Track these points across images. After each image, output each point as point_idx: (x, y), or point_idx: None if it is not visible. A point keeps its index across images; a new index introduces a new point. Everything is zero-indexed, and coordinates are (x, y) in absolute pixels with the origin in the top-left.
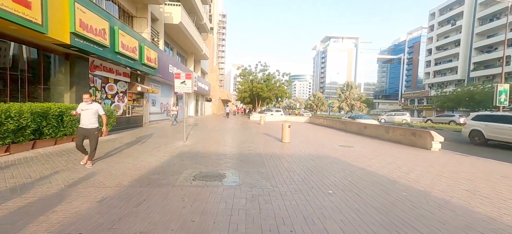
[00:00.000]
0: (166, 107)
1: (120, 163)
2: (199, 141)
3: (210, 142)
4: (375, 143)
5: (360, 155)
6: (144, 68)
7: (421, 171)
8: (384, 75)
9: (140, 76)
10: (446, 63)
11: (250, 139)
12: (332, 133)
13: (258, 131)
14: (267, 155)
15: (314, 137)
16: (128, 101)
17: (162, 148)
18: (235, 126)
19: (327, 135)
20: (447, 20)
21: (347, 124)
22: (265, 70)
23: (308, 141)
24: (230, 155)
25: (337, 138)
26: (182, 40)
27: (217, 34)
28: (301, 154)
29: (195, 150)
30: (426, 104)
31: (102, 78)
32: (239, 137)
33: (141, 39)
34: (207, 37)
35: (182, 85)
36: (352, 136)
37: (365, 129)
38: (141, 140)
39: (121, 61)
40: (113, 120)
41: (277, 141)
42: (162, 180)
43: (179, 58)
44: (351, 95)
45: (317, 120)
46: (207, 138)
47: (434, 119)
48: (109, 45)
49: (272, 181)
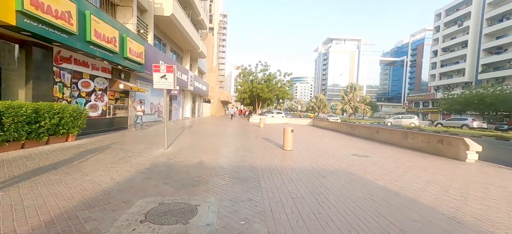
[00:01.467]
0: (157, 108)
1: (51, 186)
2: (184, 148)
3: (197, 149)
4: (394, 152)
5: (383, 170)
6: (127, 63)
7: (482, 197)
8: (387, 78)
9: (124, 72)
10: (452, 65)
11: (246, 145)
12: (340, 138)
13: (257, 135)
14: (265, 169)
15: (321, 143)
16: (109, 100)
17: (133, 158)
18: (231, 129)
19: (335, 141)
20: (454, 20)
21: (355, 128)
22: (265, 70)
23: (315, 148)
24: (217, 169)
25: (347, 144)
26: (177, 36)
27: (218, 35)
28: (308, 167)
29: (173, 162)
30: (432, 107)
31: (73, 73)
32: (234, 143)
33: (123, 29)
34: (206, 36)
35: (162, 80)
36: (363, 141)
37: (377, 134)
38: (113, 147)
39: (95, 52)
40: (81, 121)
41: (278, 149)
42: (86, 223)
43: (174, 55)
44: (355, 97)
45: (321, 123)
46: (196, 144)
47: (445, 123)
48: (78, 32)
49: (270, 222)
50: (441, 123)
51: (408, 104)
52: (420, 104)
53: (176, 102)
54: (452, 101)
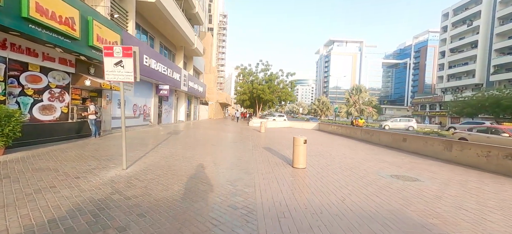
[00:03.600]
0: (143, 110)
1: None
2: (152, 167)
3: (171, 170)
4: (441, 169)
5: (464, 211)
6: (94, 54)
7: None
8: (389, 80)
9: (95, 65)
10: (461, 66)
11: (243, 160)
12: (357, 147)
13: (257, 143)
14: (270, 211)
15: (337, 154)
16: (72, 100)
17: (59, 190)
18: (227, 135)
19: (354, 152)
20: (463, 20)
21: (373, 134)
22: (267, 70)
23: (334, 163)
24: (186, 217)
25: (371, 157)
26: (167, 29)
27: (217, 35)
28: (338, 203)
29: (119, 199)
30: (439, 110)
31: (9, 62)
32: (227, 156)
33: (88, 10)
34: (205, 35)
35: (117, 69)
36: (388, 152)
37: (404, 143)
38: (47, 166)
39: (40, 35)
40: (12, 129)
41: (286, 166)
42: None
43: (165, 51)
44: (360, 100)
45: (328, 127)
46: (173, 160)
47: (460, 127)
48: (3, 3)
49: None
50: (454, 127)
51: (414, 107)
52: (427, 107)
53: (168, 104)
54: (463, 103)
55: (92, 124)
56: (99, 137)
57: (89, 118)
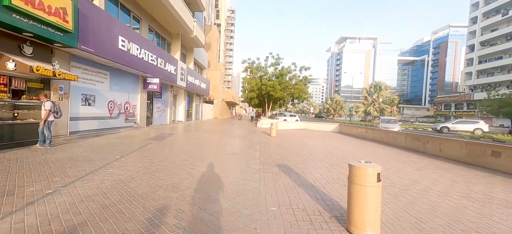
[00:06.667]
0: (125, 108)
1: None
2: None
3: (113, 214)
4: None
5: None
6: (16, 21)
7: None
8: (405, 78)
9: (34, 43)
10: (494, 60)
11: (238, 205)
12: (424, 165)
13: (267, 154)
14: None
15: (399, 180)
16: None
17: None
18: (228, 140)
19: (422, 173)
20: (496, 10)
21: (428, 142)
22: (277, 64)
23: (414, 206)
24: None
25: (463, 186)
26: (159, 11)
27: (225, 31)
28: None
29: None
30: (467, 109)
31: None
32: (211, 189)
33: None
34: (210, 29)
35: None
36: (474, 174)
37: (495, 158)
38: None
39: None
40: None
41: (327, 223)
42: None
43: (157, 38)
44: (380, 98)
45: (352, 130)
46: (91, 205)
47: None
48: None
49: None
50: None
51: (436, 106)
52: (452, 106)
53: (161, 101)
54: (500, 102)
55: (48, 128)
56: (49, 146)
57: (50, 120)
